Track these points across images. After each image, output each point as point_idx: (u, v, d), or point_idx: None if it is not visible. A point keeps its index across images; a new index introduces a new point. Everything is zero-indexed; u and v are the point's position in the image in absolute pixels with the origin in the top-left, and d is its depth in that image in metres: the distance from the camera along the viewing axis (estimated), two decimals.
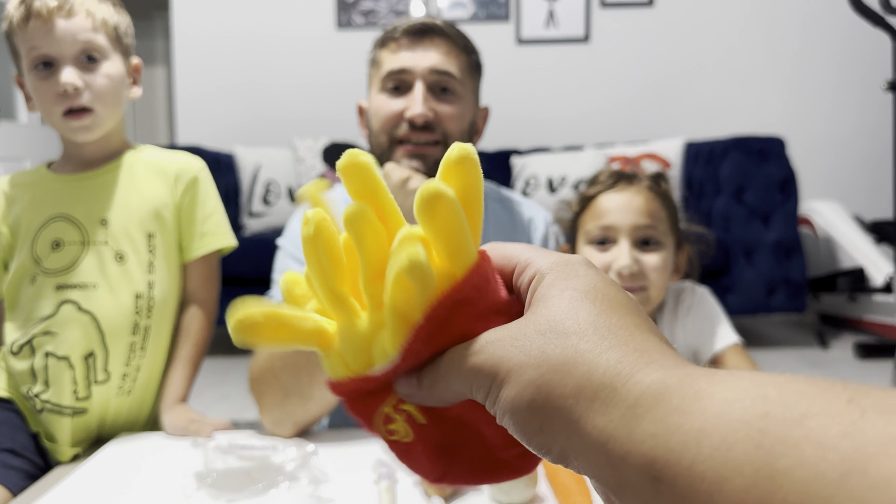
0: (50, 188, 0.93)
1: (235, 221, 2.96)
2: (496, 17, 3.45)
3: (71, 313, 0.88)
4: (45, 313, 0.88)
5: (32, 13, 0.86)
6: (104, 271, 0.89)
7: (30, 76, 0.88)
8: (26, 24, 0.86)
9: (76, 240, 0.90)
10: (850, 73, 3.43)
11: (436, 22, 0.93)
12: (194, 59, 3.53)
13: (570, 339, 0.23)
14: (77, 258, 0.89)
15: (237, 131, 3.47)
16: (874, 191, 3.41)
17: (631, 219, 0.87)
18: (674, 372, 0.21)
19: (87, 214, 0.90)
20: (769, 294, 2.65)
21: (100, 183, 0.93)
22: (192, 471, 0.69)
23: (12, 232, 0.93)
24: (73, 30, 0.87)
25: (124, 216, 0.92)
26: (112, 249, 0.90)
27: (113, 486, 0.72)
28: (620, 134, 3.41)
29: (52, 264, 0.89)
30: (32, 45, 0.87)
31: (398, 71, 0.91)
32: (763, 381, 0.20)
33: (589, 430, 0.21)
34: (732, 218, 2.65)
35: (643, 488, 0.20)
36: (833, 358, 2.59)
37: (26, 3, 0.86)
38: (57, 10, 0.86)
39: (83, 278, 0.89)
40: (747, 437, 0.18)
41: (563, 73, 3.47)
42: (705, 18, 3.43)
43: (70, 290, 0.88)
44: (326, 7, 3.48)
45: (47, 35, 0.86)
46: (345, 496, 0.67)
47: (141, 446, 0.85)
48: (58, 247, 0.89)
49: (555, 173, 2.89)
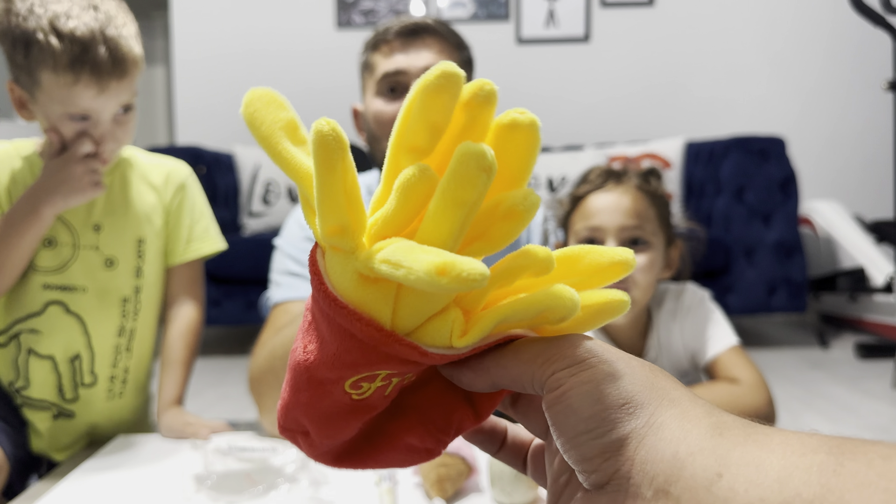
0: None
1: (235, 221, 2.95)
2: (496, 17, 3.45)
3: (58, 314, 0.88)
4: (31, 310, 0.87)
5: (84, 74, 0.78)
6: (93, 276, 0.90)
7: (60, 118, 0.82)
8: (77, 80, 0.79)
9: (68, 241, 0.89)
10: (851, 73, 3.43)
11: (426, 21, 0.94)
12: (194, 59, 3.53)
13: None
14: (68, 260, 0.89)
15: (237, 131, 3.47)
16: (875, 191, 3.41)
17: (618, 220, 0.88)
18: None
19: (81, 219, 0.90)
20: (770, 294, 2.65)
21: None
22: (192, 473, 0.69)
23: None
24: (120, 90, 0.82)
25: (116, 222, 0.92)
26: (103, 255, 0.90)
27: (112, 488, 0.72)
28: (621, 133, 3.41)
29: (44, 262, 0.88)
30: (74, 103, 0.80)
31: (393, 73, 0.92)
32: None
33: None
34: (733, 218, 2.65)
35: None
36: (833, 358, 2.59)
37: (81, 60, 0.77)
38: (109, 73, 0.79)
39: (72, 281, 0.89)
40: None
41: (563, 72, 3.47)
42: (706, 18, 3.43)
43: (58, 291, 0.88)
44: (326, 7, 3.48)
45: (96, 97, 0.80)
46: (345, 498, 0.67)
47: (139, 448, 0.84)
48: (50, 244, 0.88)
49: (555, 173, 2.89)
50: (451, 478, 0.67)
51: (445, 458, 0.68)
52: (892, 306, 2.63)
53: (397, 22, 0.95)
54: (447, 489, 0.66)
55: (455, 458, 0.68)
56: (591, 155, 2.96)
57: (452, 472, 0.67)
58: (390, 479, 0.69)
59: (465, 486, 0.70)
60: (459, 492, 0.69)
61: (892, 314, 2.65)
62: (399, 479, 0.70)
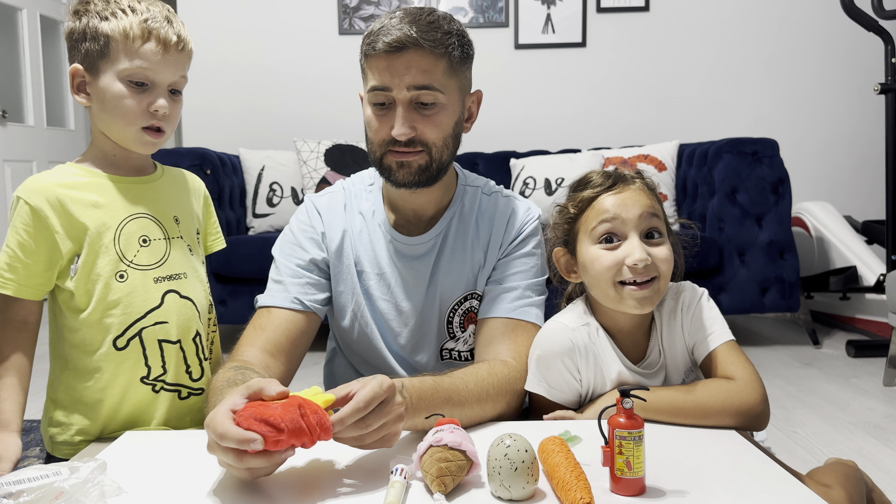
0: (115, 189, 0.96)
1: (241, 222, 3.01)
2: (495, 23, 3.50)
3: (175, 301, 0.97)
4: (151, 305, 0.95)
5: (153, 36, 0.91)
6: (188, 261, 1.01)
7: (120, 85, 0.92)
8: (142, 42, 0.91)
9: (160, 236, 0.98)
10: (843, 77, 3.47)
11: (411, 33, 0.93)
12: (200, 64, 3.58)
13: None
14: (165, 252, 0.98)
15: (242, 134, 3.53)
16: (866, 192, 3.46)
17: (636, 211, 0.89)
18: None
19: (163, 213, 0.99)
20: (762, 293, 2.70)
21: (161, 186, 1.02)
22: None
23: (72, 234, 0.93)
24: (179, 64, 0.95)
25: (186, 215, 1.04)
26: (185, 243, 1.02)
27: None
28: (616, 136, 3.47)
29: (144, 260, 0.95)
30: (140, 65, 0.91)
31: (380, 88, 0.96)
32: None
33: None
34: (726, 218, 2.70)
35: None
36: (826, 356, 2.64)
37: (149, 25, 0.91)
38: (175, 45, 0.93)
39: (176, 269, 0.98)
40: None
41: (560, 77, 3.53)
42: (699, 23, 3.48)
43: (169, 281, 0.97)
44: (329, 13, 3.54)
45: (159, 63, 0.92)
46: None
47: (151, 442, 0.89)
48: (145, 243, 0.96)
49: (552, 175, 2.95)
50: (453, 472, 0.68)
51: (447, 453, 0.68)
52: (884, 305, 2.67)
53: (385, 31, 0.95)
54: (448, 484, 0.68)
55: (456, 453, 0.69)
56: (587, 157, 3.01)
57: (453, 467, 0.68)
58: (404, 475, 0.70)
59: (466, 480, 0.71)
60: (460, 486, 0.70)
61: (883, 312, 2.69)
62: (415, 475, 0.72)
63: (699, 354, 0.95)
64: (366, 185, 1.13)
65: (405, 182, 1.00)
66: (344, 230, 1.09)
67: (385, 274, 1.08)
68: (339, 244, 1.09)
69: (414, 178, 0.99)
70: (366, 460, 0.77)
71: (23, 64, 3.93)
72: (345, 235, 1.09)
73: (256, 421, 0.66)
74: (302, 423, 0.67)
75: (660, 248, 0.90)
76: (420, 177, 1.00)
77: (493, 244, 1.08)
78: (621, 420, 0.68)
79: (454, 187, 1.11)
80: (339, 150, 3.03)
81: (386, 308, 1.09)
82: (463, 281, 1.08)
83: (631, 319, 0.94)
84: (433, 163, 1.00)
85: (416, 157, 0.99)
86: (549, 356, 0.94)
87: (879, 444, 1.76)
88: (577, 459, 0.69)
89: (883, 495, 1.01)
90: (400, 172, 0.99)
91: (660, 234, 0.91)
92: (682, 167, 2.99)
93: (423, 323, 1.08)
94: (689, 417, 0.87)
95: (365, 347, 1.10)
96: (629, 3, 3.46)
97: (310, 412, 0.68)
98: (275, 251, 1.11)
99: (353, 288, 1.08)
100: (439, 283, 1.08)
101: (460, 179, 1.12)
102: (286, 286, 1.05)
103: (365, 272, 1.08)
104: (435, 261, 1.08)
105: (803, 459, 1.64)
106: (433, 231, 1.08)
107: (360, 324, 1.09)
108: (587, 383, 0.95)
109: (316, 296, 1.06)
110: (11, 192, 3.79)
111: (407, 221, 1.09)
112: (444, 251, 1.08)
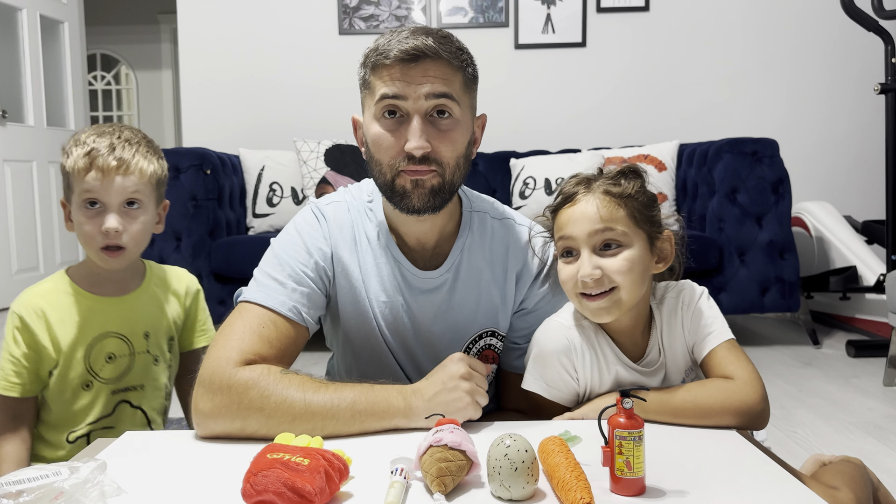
0: (92, 308, 1.07)
1: (241, 221, 3.01)
2: (495, 23, 3.51)
3: (126, 410, 1.09)
4: (104, 413, 1.08)
5: (94, 166, 1.01)
6: (147, 373, 1.11)
7: (78, 211, 1.03)
8: (86, 173, 1.01)
9: (126, 352, 1.09)
10: (843, 76, 3.48)
11: (427, 43, 0.88)
12: (200, 64, 3.60)
13: None
14: (128, 367, 1.09)
15: (241, 134, 3.53)
16: (866, 192, 3.46)
17: (585, 227, 0.89)
18: None
19: (132, 331, 1.10)
20: (762, 293, 2.70)
21: (137, 304, 1.11)
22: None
23: (54, 346, 1.05)
24: (124, 185, 1.02)
25: (157, 328, 1.13)
26: (151, 356, 1.12)
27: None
28: (616, 136, 3.47)
29: (108, 374, 1.08)
30: (87, 189, 1.01)
31: (392, 96, 0.90)
32: None
33: None
34: (726, 218, 2.70)
35: None
36: (826, 356, 2.64)
37: (91, 156, 1.01)
38: (115, 169, 1.01)
39: (134, 382, 1.10)
40: None
41: (560, 77, 3.53)
42: (699, 22, 3.48)
43: (124, 392, 1.09)
44: (329, 13, 3.54)
45: (102, 186, 1.01)
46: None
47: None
48: (111, 359, 1.08)
49: (552, 175, 2.95)
50: (453, 472, 0.68)
51: (447, 453, 0.69)
52: (884, 304, 2.67)
53: (396, 41, 0.89)
54: (448, 484, 0.68)
55: (456, 453, 0.69)
56: (587, 157, 3.01)
57: (453, 467, 0.68)
58: (404, 475, 0.70)
59: (466, 480, 0.71)
60: (460, 486, 0.70)
61: (883, 312, 2.69)
62: (414, 475, 0.72)
63: (699, 353, 0.95)
64: (364, 201, 1.05)
65: (419, 207, 0.93)
66: (350, 249, 1.02)
67: (393, 303, 1.02)
68: (345, 265, 1.01)
69: (427, 200, 0.92)
70: (366, 460, 0.77)
71: (23, 64, 3.93)
72: (351, 255, 1.02)
73: (286, 488, 0.63)
74: (327, 488, 0.66)
75: (614, 260, 0.89)
76: (433, 200, 0.93)
77: (510, 278, 1.04)
78: (621, 420, 0.68)
79: (458, 213, 1.04)
80: (339, 150, 3.03)
81: (395, 342, 1.03)
82: (478, 318, 1.03)
83: (623, 319, 0.94)
84: (445, 185, 0.93)
85: (428, 177, 0.92)
86: (546, 354, 0.95)
87: (879, 444, 1.76)
88: (577, 459, 0.69)
89: (888, 493, 1.01)
90: (415, 193, 0.92)
91: (618, 245, 0.89)
92: (682, 167, 2.99)
93: (437, 358, 0.97)
94: (689, 417, 0.87)
95: (375, 365, 1.06)
96: (629, 3, 3.46)
97: (333, 470, 0.67)
98: (276, 247, 1.03)
99: (364, 315, 1.02)
100: (451, 318, 1.03)
101: (465, 204, 1.06)
102: (287, 289, 0.96)
103: (371, 299, 1.02)
104: (447, 296, 1.02)
105: (803, 459, 1.62)
106: (444, 266, 1.02)
107: (371, 345, 1.04)
108: (584, 382, 0.95)
109: (311, 311, 0.98)
110: (11, 191, 3.79)
111: (411, 249, 1.02)
112: (456, 286, 1.02)
